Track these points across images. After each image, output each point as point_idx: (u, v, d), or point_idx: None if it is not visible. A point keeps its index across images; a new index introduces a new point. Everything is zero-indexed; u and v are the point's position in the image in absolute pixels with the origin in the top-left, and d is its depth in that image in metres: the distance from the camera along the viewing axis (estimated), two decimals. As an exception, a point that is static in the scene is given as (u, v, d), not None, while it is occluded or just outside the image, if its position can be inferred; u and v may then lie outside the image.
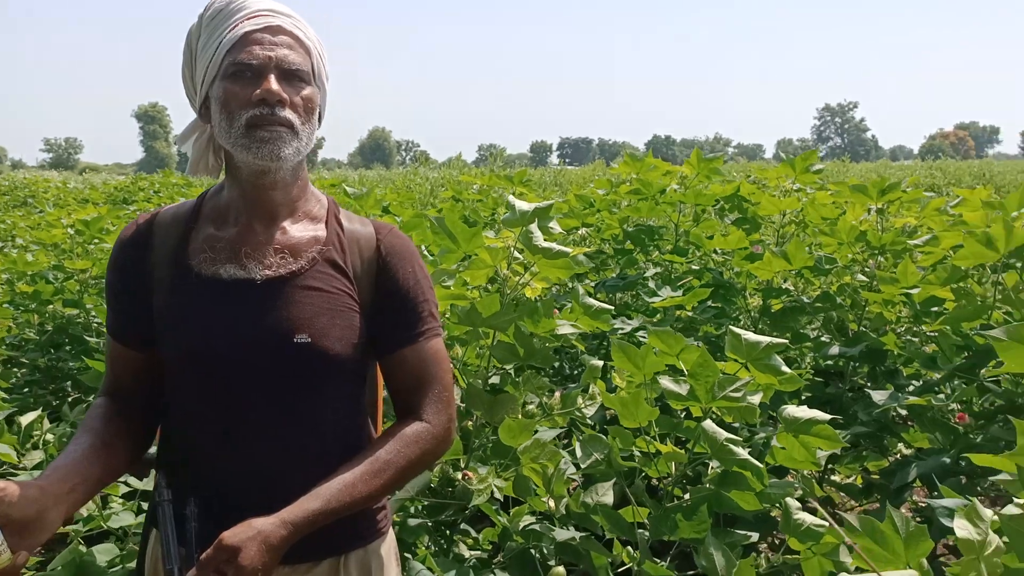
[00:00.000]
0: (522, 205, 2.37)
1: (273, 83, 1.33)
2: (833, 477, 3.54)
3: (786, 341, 2.03)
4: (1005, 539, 1.09)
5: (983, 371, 2.38)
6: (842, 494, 3.21)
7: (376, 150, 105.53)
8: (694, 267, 3.68)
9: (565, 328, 2.34)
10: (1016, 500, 1.18)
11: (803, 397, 3.13)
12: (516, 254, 2.50)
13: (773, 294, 3.18)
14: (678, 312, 3.24)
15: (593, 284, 3.95)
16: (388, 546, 1.53)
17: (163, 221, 1.46)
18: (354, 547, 1.45)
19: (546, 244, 2.27)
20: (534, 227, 2.31)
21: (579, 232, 4.04)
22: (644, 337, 3.25)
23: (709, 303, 3.35)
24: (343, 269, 1.43)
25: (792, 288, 3.13)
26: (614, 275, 3.83)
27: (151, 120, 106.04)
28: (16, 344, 4.29)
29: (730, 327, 2.09)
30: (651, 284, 3.25)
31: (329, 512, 1.29)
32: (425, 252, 2.78)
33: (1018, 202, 2.54)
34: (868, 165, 40.37)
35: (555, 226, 2.40)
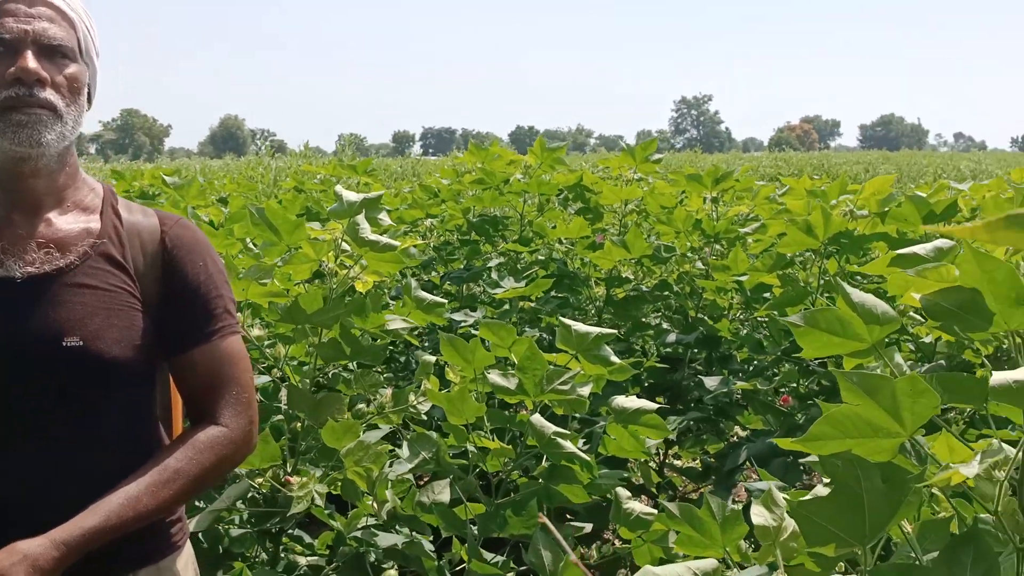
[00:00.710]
0: (349, 196, 2.25)
1: (30, 60, 1.19)
2: (676, 461, 3.62)
3: (615, 332, 2.02)
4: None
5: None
6: (684, 478, 3.28)
7: (229, 139, 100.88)
8: (540, 257, 3.66)
9: (396, 323, 2.25)
10: (824, 481, 1.19)
11: (645, 384, 3.17)
12: (344, 247, 2.39)
13: (615, 283, 3.20)
14: (522, 303, 3.21)
15: (440, 275, 3.88)
16: (185, 560, 1.41)
17: None
18: (144, 564, 1.33)
19: (373, 237, 2.17)
20: (361, 218, 2.20)
21: (425, 223, 3.95)
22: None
23: (553, 293, 3.33)
24: (121, 264, 1.30)
25: (632, 277, 3.16)
26: (461, 266, 3.76)
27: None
28: None
29: (560, 318, 2.05)
30: (494, 275, 3.20)
31: (110, 529, 1.17)
32: (250, 245, 2.62)
33: (838, 190, 2.63)
34: (721, 156, 42.28)
35: (384, 217, 2.29)
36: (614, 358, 2.01)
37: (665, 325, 3.12)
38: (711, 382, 2.51)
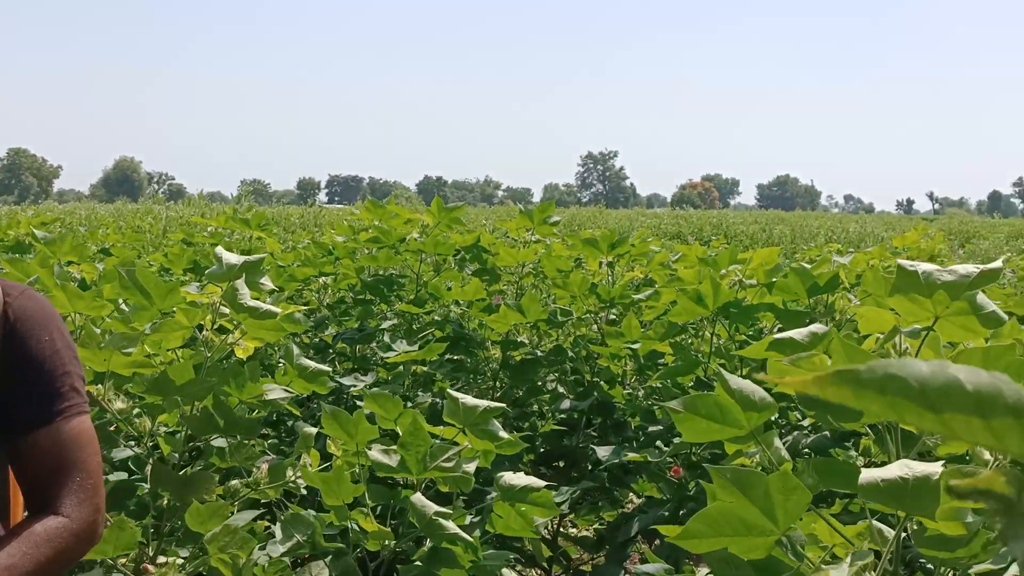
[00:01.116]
0: (229, 258, 2.15)
1: None
2: (572, 530, 3.56)
3: (503, 406, 1.96)
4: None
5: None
6: (579, 547, 3.21)
7: (123, 182, 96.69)
8: (436, 318, 3.59)
9: (275, 393, 2.14)
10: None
11: (541, 450, 3.11)
12: (224, 311, 2.27)
13: (510, 347, 3.15)
14: (415, 367, 3.12)
15: (333, 335, 3.76)
16: None
17: None
18: None
19: (253, 303, 2.06)
20: (241, 283, 2.09)
21: (319, 280, 3.84)
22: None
23: (449, 356, 3.26)
24: None
25: (527, 341, 3.12)
26: (355, 326, 3.66)
27: None
28: None
29: (449, 391, 1.99)
30: (386, 337, 3.11)
31: None
32: (123, 306, 2.46)
33: (728, 260, 2.67)
34: (625, 212, 43.32)
35: (266, 282, 2.19)
36: (502, 433, 1.95)
37: (561, 389, 3.09)
38: (603, 452, 2.47)
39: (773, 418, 1.31)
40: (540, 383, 3.25)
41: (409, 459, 1.82)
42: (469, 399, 1.98)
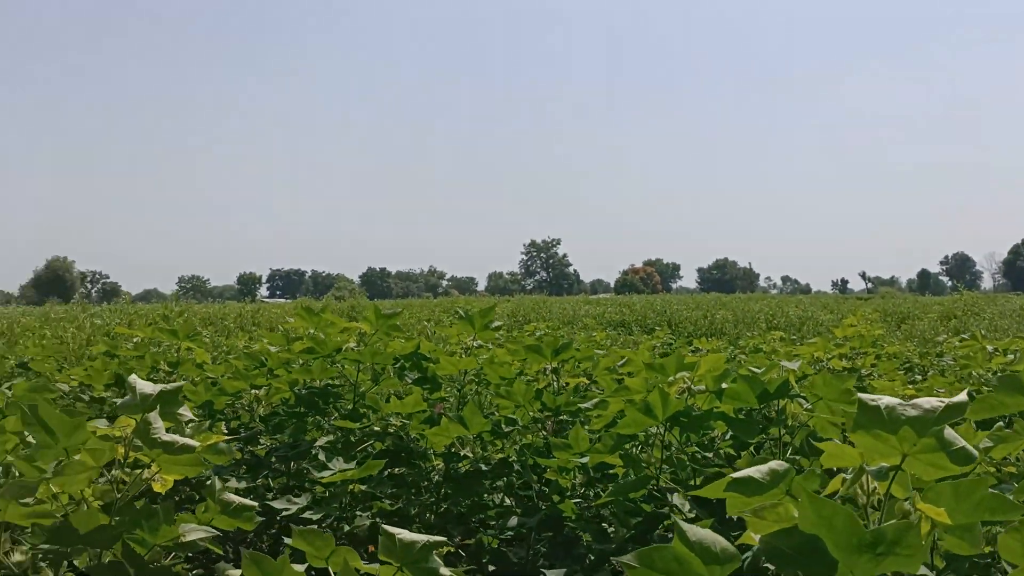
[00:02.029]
0: (143, 387, 1.99)
1: None
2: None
3: (444, 539, 1.80)
4: None
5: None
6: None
7: (55, 281, 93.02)
8: (376, 429, 3.42)
9: (195, 533, 1.96)
10: None
11: (489, 569, 2.93)
12: (138, 444, 2.09)
13: (454, 459, 3.00)
14: (352, 486, 2.94)
15: (266, 450, 3.56)
16: None
17: None
18: None
19: (168, 437, 1.90)
20: (154, 416, 1.93)
21: (251, 392, 3.65)
22: (311, 520, 2.91)
23: (388, 471, 3.09)
24: None
25: (471, 454, 2.97)
26: (288, 441, 3.48)
27: None
28: None
29: (383, 527, 1.83)
30: (321, 456, 2.94)
31: None
32: (30, 439, 2.26)
33: (675, 366, 2.59)
34: (569, 298, 43.56)
35: (185, 412, 2.04)
36: (444, 570, 1.79)
37: (508, 501, 2.93)
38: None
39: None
40: (486, 496, 3.09)
41: (341, 610, 1.65)
42: (406, 534, 1.83)
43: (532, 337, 5.48)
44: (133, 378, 2.03)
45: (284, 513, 2.85)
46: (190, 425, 2.12)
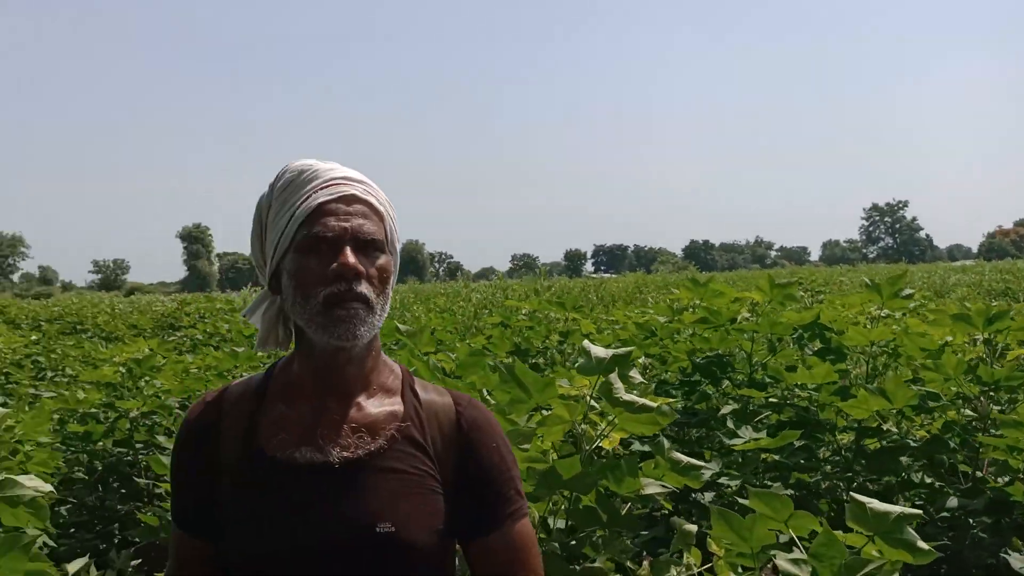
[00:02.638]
0: (598, 352, 2.14)
1: (350, 256, 1.23)
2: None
3: (919, 512, 1.74)
4: None
5: None
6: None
7: (410, 263, 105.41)
8: (772, 400, 3.39)
9: (652, 487, 2.08)
10: None
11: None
12: (594, 404, 2.26)
13: (869, 434, 2.87)
14: (764, 456, 2.94)
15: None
16: None
17: (231, 398, 1.34)
18: None
19: (628, 397, 2.04)
20: (615, 377, 2.08)
21: (639, 361, 3.79)
22: (728, 485, 2.95)
23: (795, 443, 3.04)
24: (423, 447, 1.30)
25: (895, 429, 2.82)
26: (678, 407, 3.56)
27: (194, 240, 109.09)
28: (63, 482, 4.15)
29: (852, 494, 1.80)
30: (730, 423, 2.96)
31: None
32: (485, 396, 2.55)
33: None
34: (924, 266, 39.51)
35: (636, 375, 2.17)
36: (921, 543, 1.73)
37: (938, 484, 2.75)
38: (1018, 562, 2.13)
39: None
40: (904, 475, 2.92)
41: (823, 572, 1.66)
42: (877, 503, 1.78)
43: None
44: (586, 343, 2.20)
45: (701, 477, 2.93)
46: (638, 386, 2.25)
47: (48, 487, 2.15)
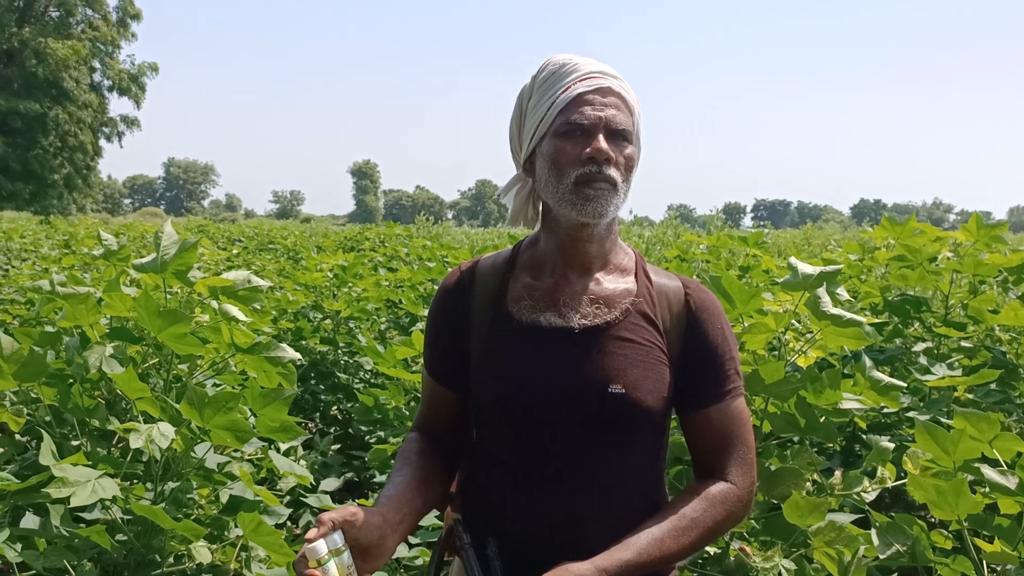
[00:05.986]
0: (805, 268, 2.22)
1: (602, 142, 1.36)
2: None
3: None
4: None
5: None
6: None
7: None
8: (964, 345, 3.33)
9: (850, 403, 2.15)
10: None
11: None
12: (793, 323, 2.35)
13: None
14: (956, 394, 2.92)
15: (841, 356, 3.68)
16: None
17: (483, 269, 1.52)
18: None
19: (835, 311, 2.11)
20: (822, 291, 2.15)
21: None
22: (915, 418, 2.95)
23: (991, 386, 3.00)
24: (654, 322, 1.42)
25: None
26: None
27: (363, 176, 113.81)
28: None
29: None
30: (922, 359, 2.96)
31: (638, 565, 1.27)
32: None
33: None
34: None
35: (843, 292, 2.23)
36: None
37: None
38: None
39: None
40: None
41: (1031, 482, 1.70)
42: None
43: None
44: (793, 259, 2.27)
45: (886, 409, 2.95)
46: (844, 303, 2.31)
47: (297, 355, 2.48)
